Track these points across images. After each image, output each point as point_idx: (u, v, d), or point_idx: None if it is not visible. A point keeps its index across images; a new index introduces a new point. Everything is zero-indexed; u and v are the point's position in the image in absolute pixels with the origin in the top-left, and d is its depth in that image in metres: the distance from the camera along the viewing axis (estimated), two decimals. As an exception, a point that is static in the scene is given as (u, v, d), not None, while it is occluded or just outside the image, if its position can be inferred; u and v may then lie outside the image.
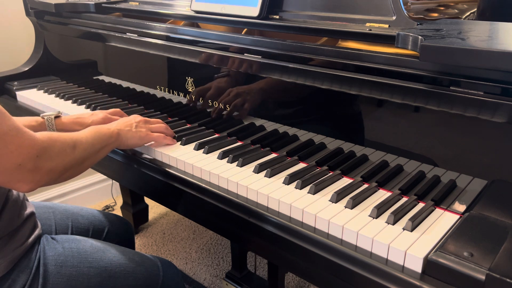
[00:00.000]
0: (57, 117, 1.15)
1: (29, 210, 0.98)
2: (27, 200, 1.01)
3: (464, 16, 1.18)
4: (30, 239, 0.95)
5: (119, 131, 1.04)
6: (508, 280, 0.60)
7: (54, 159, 0.84)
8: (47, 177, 0.83)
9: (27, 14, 1.81)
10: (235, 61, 1.13)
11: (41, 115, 1.14)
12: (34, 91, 1.67)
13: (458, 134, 0.84)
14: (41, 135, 0.83)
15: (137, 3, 1.61)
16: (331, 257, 0.78)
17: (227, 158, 1.05)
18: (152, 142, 1.13)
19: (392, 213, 0.80)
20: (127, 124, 1.08)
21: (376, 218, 0.81)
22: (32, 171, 0.80)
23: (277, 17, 1.18)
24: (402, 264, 0.72)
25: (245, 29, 1.27)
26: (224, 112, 1.20)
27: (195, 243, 2.15)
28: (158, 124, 1.15)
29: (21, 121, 0.81)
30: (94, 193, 2.44)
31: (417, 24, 0.96)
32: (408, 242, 0.74)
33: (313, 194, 0.90)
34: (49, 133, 0.86)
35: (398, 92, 0.88)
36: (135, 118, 1.12)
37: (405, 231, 0.77)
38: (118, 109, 1.25)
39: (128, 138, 1.06)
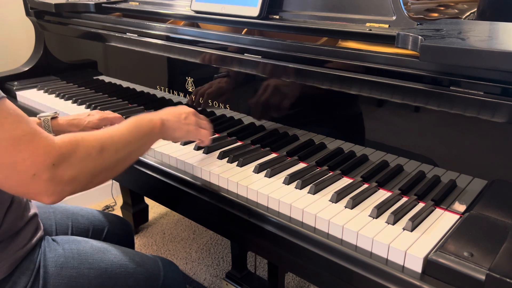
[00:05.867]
0: (53, 118, 1.14)
1: (32, 211, 0.98)
2: (30, 201, 1.01)
3: (464, 16, 1.18)
4: (33, 241, 0.94)
5: (163, 121, 0.94)
6: (508, 280, 0.60)
7: (76, 166, 0.73)
8: (70, 186, 0.73)
9: (27, 14, 1.81)
10: (235, 61, 1.13)
11: (37, 116, 1.13)
12: (34, 91, 1.67)
13: (458, 134, 0.84)
14: (61, 139, 0.74)
15: (137, 3, 1.61)
16: (331, 257, 0.78)
17: (227, 158, 1.05)
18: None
19: (392, 213, 0.80)
20: (175, 114, 0.99)
21: (376, 218, 0.81)
22: (50, 181, 0.70)
23: (277, 17, 1.18)
24: (402, 264, 0.72)
25: (245, 29, 1.27)
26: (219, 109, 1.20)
27: (195, 243, 2.15)
28: (206, 120, 1.07)
29: None
30: (94, 193, 2.44)
31: (417, 24, 0.96)
32: (408, 242, 0.74)
33: (313, 194, 0.90)
34: (71, 136, 0.76)
35: (398, 92, 0.88)
36: (184, 108, 1.03)
37: (405, 231, 0.77)
38: (119, 116, 1.23)
39: (174, 129, 0.97)
